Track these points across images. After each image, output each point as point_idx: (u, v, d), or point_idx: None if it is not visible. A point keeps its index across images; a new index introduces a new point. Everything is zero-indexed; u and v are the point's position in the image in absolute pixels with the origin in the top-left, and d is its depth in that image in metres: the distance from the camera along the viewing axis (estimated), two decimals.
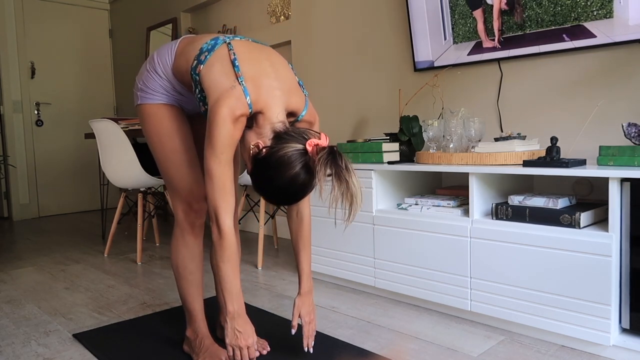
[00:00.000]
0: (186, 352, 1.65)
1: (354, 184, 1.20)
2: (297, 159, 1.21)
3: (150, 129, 1.50)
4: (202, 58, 1.34)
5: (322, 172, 1.18)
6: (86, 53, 5.25)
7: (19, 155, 4.78)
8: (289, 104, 1.36)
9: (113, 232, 3.14)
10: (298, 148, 1.22)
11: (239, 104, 1.25)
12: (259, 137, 1.30)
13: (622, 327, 1.56)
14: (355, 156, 2.27)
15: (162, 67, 1.45)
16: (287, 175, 1.21)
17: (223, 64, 1.31)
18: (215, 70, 1.31)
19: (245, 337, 1.34)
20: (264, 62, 1.35)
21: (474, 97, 2.37)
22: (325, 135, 1.28)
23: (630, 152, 1.57)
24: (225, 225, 1.29)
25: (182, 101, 1.52)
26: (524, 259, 1.67)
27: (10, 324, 2.01)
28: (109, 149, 2.94)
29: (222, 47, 1.35)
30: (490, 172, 1.76)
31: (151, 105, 1.49)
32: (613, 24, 1.87)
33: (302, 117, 1.42)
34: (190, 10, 4.28)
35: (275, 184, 1.23)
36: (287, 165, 1.21)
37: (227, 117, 1.24)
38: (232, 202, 1.30)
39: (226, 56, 1.32)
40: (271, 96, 1.31)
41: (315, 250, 2.40)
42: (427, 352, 1.63)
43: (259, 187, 1.28)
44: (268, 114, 1.30)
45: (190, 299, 1.59)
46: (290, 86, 1.38)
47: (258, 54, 1.37)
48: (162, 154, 1.51)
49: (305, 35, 3.21)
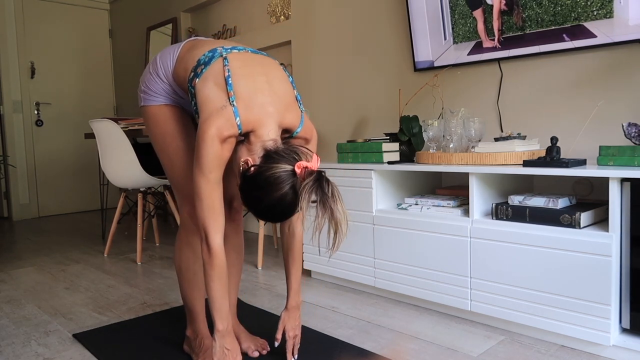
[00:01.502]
0: (186, 352, 1.65)
1: (340, 212, 1.19)
2: (285, 181, 1.20)
3: (154, 130, 1.51)
4: (199, 71, 1.33)
5: (306, 198, 1.17)
6: (86, 53, 5.25)
7: (19, 155, 4.79)
8: (283, 121, 1.33)
9: (113, 232, 3.14)
10: (286, 169, 1.21)
11: (227, 125, 1.24)
12: (249, 153, 1.29)
13: (622, 327, 1.56)
14: (355, 156, 2.27)
15: (164, 71, 1.46)
16: (274, 196, 1.20)
17: (217, 80, 1.30)
18: (208, 86, 1.30)
19: (233, 355, 1.35)
20: (259, 78, 1.33)
21: (474, 97, 2.37)
22: (318, 156, 1.26)
23: (630, 152, 1.57)
24: (215, 244, 1.29)
25: (184, 103, 1.52)
26: (524, 259, 1.67)
27: (10, 324, 2.01)
28: (109, 149, 2.94)
29: (218, 61, 1.33)
30: (490, 172, 1.76)
31: (154, 107, 1.50)
32: (613, 24, 1.87)
33: (297, 134, 1.40)
34: (190, 10, 4.28)
35: (263, 203, 1.22)
36: (274, 186, 1.20)
37: (215, 138, 1.23)
38: (222, 221, 1.30)
39: (220, 72, 1.31)
40: (263, 113, 1.29)
41: (315, 250, 2.40)
42: (427, 352, 1.63)
43: (247, 204, 1.28)
44: (259, 132, 1.28)
45: (192, 300, 1.59)
46: (287, 102, 1.35)
47: (253, 68, 1.34)
48: (166, 155, 1.51)
49: (305, 35, 3.21)
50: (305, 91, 3.24)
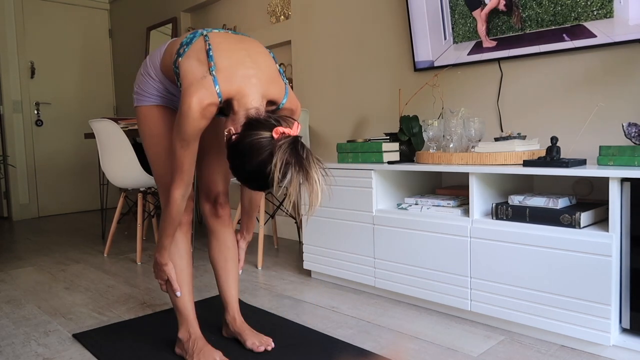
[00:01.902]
0: (178, 355, 1.64)
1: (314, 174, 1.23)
2: (264, 146, 1.23)
3: (145, 129, 1.56)
4: (181, 51, 1.38)
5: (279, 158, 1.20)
6: (86, 53, 5.25)
7: (19, 155, 4.78)
8: (267, 92, 1.37)
9: (113, 232, 3.14)
10: (265, 136, 1.24)
11: (207, 94, 1.28)
12: (233, 123, 1.33)
13: (622, 327, 1.56)
14: (355, 156, 2.27)
15: (154, 69, 1.50)
16: (254, 162, 1.23)
17: (199, 55, 1.35)
18: (190, 62, 1.35)
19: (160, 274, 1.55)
20: (240, 52, 1.38)
21: (474, 97, 2.37)
22: (299, 124, 1.30)
23: (630, 152, 1.57)
24: (174, 195, 1.40)
25: (176, 102, 1.56)
26: (524, 259, 1.67)
27: (10, 324, 2.01)
28: (109, 148, 2.94)
29: (199, 39, 1.39)
30: (490, 172, 1.76)
31: (146, 107, 1.55)
32: (613, 23, 1.87)
33: (283, 105, 1.44)
34: (190, 10, 4.28)
35: (245, 169, 1.27)
36: (253, 152, 1.23)
37: (195, 106, 1.28)
38: (186, 181, 1.40)
39: (202, 48, 1.36)
40: (246, 84, 1.33)
41: (315, 250, 2.40)
42: (427, 352, 1.63)
43: (233, 172, 1.32)
44: (242, 101, 1.32)
45: (180, 298, 1.58)
46: (270, 75, 1.39)
47: (235, 44, 1.40)
48: (154, 153, 1.56)
49: (305, 35, 3.21)
50: (305, 91, 3.24)
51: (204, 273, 2.68)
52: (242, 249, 1.76)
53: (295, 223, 3.37)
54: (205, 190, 1.69)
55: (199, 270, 2.73)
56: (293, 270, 2.65)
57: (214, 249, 1.72)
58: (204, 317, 1.97)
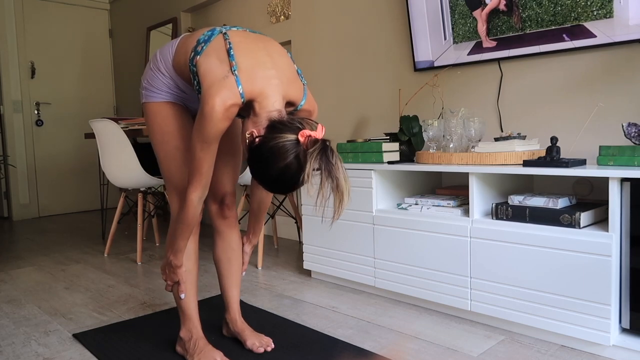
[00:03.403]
0: (179, 354, 1.64)
1: (344, 181, 1.20)
2: (289, 150, 1.20)
3: (154, 127, 1.51)
4: (199, 49, 1.34)
5: (310, 165, 1.18)
6: (86, 53, 5.25)
7: (19, 155, 4.79)
8: (287, 94, 1.35)
9: (113, 232, 3.14)
10: (290, 139, 1.21)
11: (230, 94, 1.26)
12: (255, 125, 1.30)
13: (622, 327, 1.56)
14: (355, 156, 2.27)
15: (164, 65, 1.46)
16: (279, 165, 1.21)
17: (219, 54, 1.31)
18: (210, 60, 1.31)
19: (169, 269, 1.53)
20: (261, 52, 1.35)
21: (474, 97, 2.37)
22: (322, 126, 1.26)
23: (630, 152, 1.57)
24: (191, 197, 1.37)
25: (186, 99, 1.52)
26: (524, 259, 1.67)
27: (10, 324, 2.01)
28: (109, 149, 2.94)
29: (219, 37, 1.35)
30: (490, 172, 1.76)
31: (155, 104, 1.50)
32: (613, 23, 1.87)
33: (302, 107, 1.41)
34: (190, 10, 4.28)
35: (268, 173, 1.23)
36: (278, 155, 1.20)
37: (218, 107, 1.25)
38: (204, 183, 1.37)
39: (222, 46, 1.33)
40: (267, 85, 1.30)
41: (315, 250, 2.40)
42: (427, 352, 1.63)
43: (255, 176, 1.29)
44: (264, 103, 1.30)
45: (185, 298, 1.58)
46: (289, 76, 1.37)
47: (255, 43, 1.36)
48: (163, 151, 1.52)
49: (305, 35, 3.21)
50: None
51: (204, 273, 2.68)
52: (246, 254, 1.74)
53: (295, 223, 3.37)
54: (213, 191, 1.67)
55: (199, 270, 2.73)
56: (293, 270, 2.65)
57: (218, 249, 1.71)
58: (205, 317, 1.97)
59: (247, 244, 1.74)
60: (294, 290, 2.31)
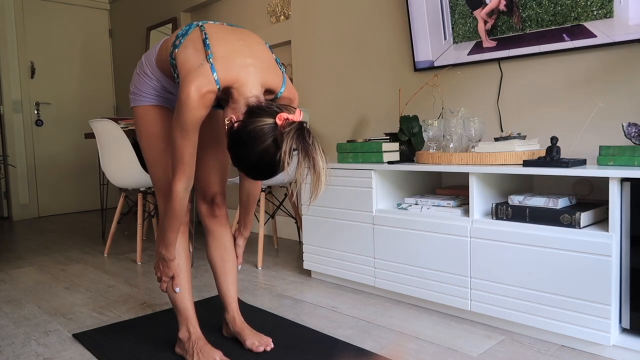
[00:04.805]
0: (179, 354, 1.64)
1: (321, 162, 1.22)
2: (267, 133, 1.22)
3: (142, 130, 1.55)
4: (177, 43, 1.39)
5: (287, 145, 1.19)
6: (86, 53, 5.25)
7: (19, 155, 4.78)
8: (265, 81, 1.37)
9: (113, 232, 3.14)
10: (268, 122, 1.23)
11: (205, 81, 1.28)
12: (234, 112, 1.32)
13: (622, 327, 1.56)
14: (355, 156, 2.27)
15: (149, 66, 1.50)
16: (258, 149, 1.23)
17: (195, 44, 1.35)
18: (187, 51, 1.35)
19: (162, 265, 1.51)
20: (238, 42, 1.38)
21: (474, 97, 2.37)
22: (301, 110, 1.28)
23: (630, 152, 1.57)
24: (176, 188, 1.37)
25: (173, 101, 1.55)
26: (524, 259, 1.67)
27: (10, 324, 2.01)
28: (109, 148, 2.94)
29: (195, 30, 1.39)
30: (490, 172, 1.76)
31: (143, 107, 1.54)
32: (613, 23, 1.87)
33: (282, 94, 1.43)
34: (190, 10, 4.28)
35: (247, 157, 1.25)
36: (257, 139, 1.22)
37: (194, 94, 1.27)
38: (188, 173, 1.37)
39: (198, 37, 1.36)
40: (244, 72, 1.32)
41: (315, 250, 2.40)
42: (427, 352, 1.63)
43: (235, 162, 1.31)
44: (242, 89, 1.32)
45: (180, 297, 1.58)
46: (267, 64, 1.39)
47: (232, 34, 1.40)
48: (151, 154, 1.55)
49: (305, 35, 3.21)
50: (305, 91, 3.24)
51: (204, 273, 2.68)
52: (239, 246, 1.74)
53: (296, 223, 3.36)
54: (202, 191, 1.69)
55: (199, 270, 2.73)
56: (293, 270, 2.65)
57: (211, 249, 1.72)
58: (204, 317, 1.97)
59: (239, 237, 1.73)
60: (294, 290, 2.31)
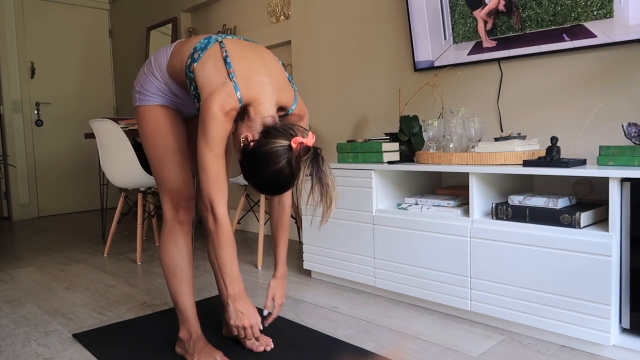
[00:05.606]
0: (179, 354, 1.64)
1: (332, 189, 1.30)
2: (282, 155, 1.28)
3: (147, 130, 1.54)
4: (196, 56, 1.39)
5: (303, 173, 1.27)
6: (86, 53, 5.25)
7: (19, 155, 4.78)
8: (279, 99, 1.42)
9: (113, 232, 3.14)
10: (283, 144, 1.29)
11: (229, 100, 1.32)
12: (249, 130, 1.37)
13: (622, 327, 1.56)
14: (355, 156, 2.27)
15: (159, 70, 1.50)
16: (272, 169, 1.29)
17: (215, 61, 1.37)
18: (208, 68, 1.37)
19: (248, 316, 1.41)
20: (255, 59, 1.41)
21: (474, 97, 2.37)
22: (313, 133, 1.34)
23: (630, 152, 1.57)
24: (220, 213, 1.36)
25: (179, 103, 1.55)
26: (524, 259, 1.67)
27: (10, 324, 2.01)
28: (109, 149, 2.94)
29: (215, 45, 1.41)
30: (490, 172, 1.76)
31: (148, 107, 1.53)
32: (613, 23, 1.87)
33: (292, 111, 1.48)
34: (190, 10, 4.28)
35: (261, 176, 1.31)
36: (271, 160, 1.28)
37: (219, 112, 1.31)
38: (225, 192, 1.38)
39: (218, 54, 1.38)
40: (262, 91, 1.37)
41: (315, 250, 2.40)
42: (427, 352, 1.63)
43: (247, 177, 1.36)
44: (259, 109, 1.36)
45: (182, 298, 1.58)
46: (281, 82, 1.44)
47: (249, 51, 1.43)
48: (155, 154, 1.54)
49: (305, 35, 3.21)
50: (306, 91, 3.24)
51: (204, 273, 2.68)
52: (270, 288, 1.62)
53: (296, 223, 3.36)
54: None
55: (199, 270, 2.73)
56: (293, 270, 2.65)
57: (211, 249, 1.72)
58: (204, 317, 1.97)
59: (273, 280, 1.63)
60: (294, 290, 2.31)
